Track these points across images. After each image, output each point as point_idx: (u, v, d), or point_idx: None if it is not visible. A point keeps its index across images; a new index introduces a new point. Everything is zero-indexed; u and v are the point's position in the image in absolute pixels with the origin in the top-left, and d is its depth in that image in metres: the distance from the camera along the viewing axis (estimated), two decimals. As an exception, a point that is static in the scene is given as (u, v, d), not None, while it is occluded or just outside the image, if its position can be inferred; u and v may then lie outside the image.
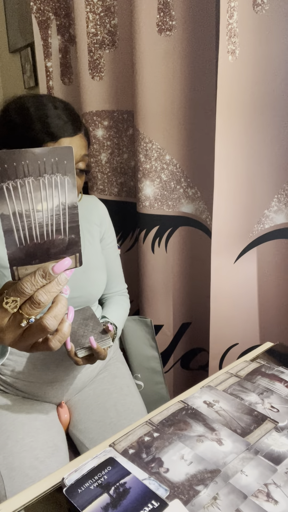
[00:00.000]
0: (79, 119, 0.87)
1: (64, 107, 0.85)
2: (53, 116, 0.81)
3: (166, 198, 1.24)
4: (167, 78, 1.13)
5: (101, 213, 1.05)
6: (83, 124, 0.88)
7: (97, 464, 0.58)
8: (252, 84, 1.02)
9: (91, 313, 0.93)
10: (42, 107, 0.82)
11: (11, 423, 0.86)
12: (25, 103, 0.83)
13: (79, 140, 0.85)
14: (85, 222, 1.01)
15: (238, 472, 0.57)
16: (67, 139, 0.82)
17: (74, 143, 0.83)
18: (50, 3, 1.31)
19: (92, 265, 0.97)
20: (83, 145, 0.86)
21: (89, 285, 0.96)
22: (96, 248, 1.00)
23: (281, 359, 0.87)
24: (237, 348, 1.24)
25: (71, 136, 0.83)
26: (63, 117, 0.82)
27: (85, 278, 0.95)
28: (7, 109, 0.85)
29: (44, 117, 0.81)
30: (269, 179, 1.10)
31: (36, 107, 0.82)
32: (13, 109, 0.84)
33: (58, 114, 0.82)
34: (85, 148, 0.87)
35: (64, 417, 0.95)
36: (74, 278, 0.93)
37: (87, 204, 1.02)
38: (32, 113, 0.82)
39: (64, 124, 0.82)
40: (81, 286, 0.94)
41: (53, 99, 0.85)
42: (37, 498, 0.57)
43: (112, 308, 1.06)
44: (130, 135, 1.32)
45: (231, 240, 1.14)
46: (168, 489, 0.54)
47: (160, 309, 1.34)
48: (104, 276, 1.00)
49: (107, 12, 1.21)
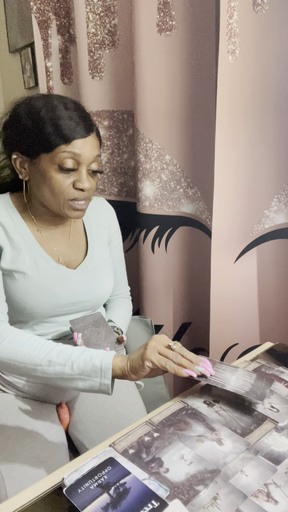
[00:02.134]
0: (90, 118, 0.85)
1: (75, 107, 0.83)
2: (65, 117, 0.80)
3: (166, 198, 1.24)
4: (167, 78, 1.13)
5: (109, 216, 1.04)
6: (94, 123, 0.86)
7: (97, 464, 0.58)
8: (252, 84, 1.02)
9: (102, 319, 0.91)
10: (53, 108, 0.80)
11: (11, 423, 0.86)
12: (35, 105, 0.82)
13: (92, 141, 0.83)
14: (94, 225, 1.00)
15: (238, 472, 0.57)
16: (79, 141, 0.80)
17: (87, 144, 0.81)
18: (50, 3, 1.31)
19: (101, 269, 0.96)
20: (96, 145, 0.84)
21: (98, 289, 0.95)
22: (104, 251, 1.00)
23: (281, 359, 0.87)
24: (237, 348, 1.24)
25: (84, 137, 0.81)
26: (75, 118, 0.80)
27: (94, 281, 0.94)
28: (17, 112, 0.84)
29: (56, 119, 0.79)
30: (269, 179, 1.10)
31: (47, 109, 0.80)
32: (23, 111, 0.82)
33: (69, 115, 0.80)
34: (97, 148, 0.85)
35: (64, 417, 0.95)
36: (84, 282, 0.93)
37: (96, 206, 1.01)
38: (43, 116, 0.80)
39: (76, 126, 0.80)
40: (90, 290, 0.93)
41: (63, 99, 0.83)
42: (37, 498, 0.57)
43: (118, 312, 1.06)
44: (130, 135, 1.32)
45: (231, 240, 1.14)
46: (168, 489, 0.54)
47: (160, 309, 1.34)
48: (112, 280, 1.00)
49: (107, 12, 1.21)
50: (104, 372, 0.68)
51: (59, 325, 0.92)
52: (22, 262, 0.86)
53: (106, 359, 0.69)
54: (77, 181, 0.82)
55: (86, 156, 0.82)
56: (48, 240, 0.91)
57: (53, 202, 0.85)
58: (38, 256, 0.88)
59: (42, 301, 0.87)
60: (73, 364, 0.69)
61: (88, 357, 0.70)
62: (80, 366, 0.69)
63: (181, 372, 0.67)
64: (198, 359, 0.71)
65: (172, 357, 0.68)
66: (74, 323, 0.89)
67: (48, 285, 0.87)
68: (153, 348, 0.68)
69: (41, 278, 0.87)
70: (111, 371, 0.68)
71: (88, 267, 0.94)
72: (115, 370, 0.69)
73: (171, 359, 0.68)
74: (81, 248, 0.96)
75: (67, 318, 0.91)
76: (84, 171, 0.83)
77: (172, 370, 0.67)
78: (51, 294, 0.87)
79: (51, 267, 0.89)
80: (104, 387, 0.69)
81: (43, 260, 0.88)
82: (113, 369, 0.69)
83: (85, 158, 0.82)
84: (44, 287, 0.87)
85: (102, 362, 0.69)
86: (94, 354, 0.70)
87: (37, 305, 0.86)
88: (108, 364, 0.69)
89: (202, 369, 0.69)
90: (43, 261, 0.88)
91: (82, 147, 0.81)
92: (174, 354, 0.69)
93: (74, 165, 0.81)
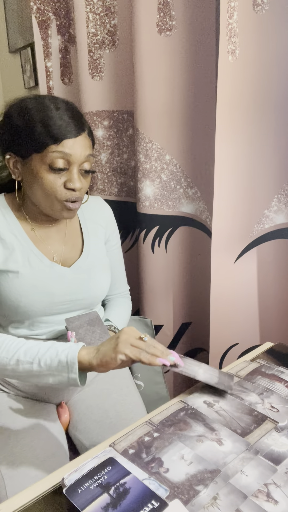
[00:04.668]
0: (82, 118, 0.85)
1: (66, 107, 0.83)
2: (55, 117, 0.80)
3: (166, 198, 1.24)
4: (167, 78, 1.13)
5: (106, 215, 1.04)
6: (86, 123, 0.86)
7: (97, 464, 0.58)
8: (252, 84, 1.02)
9: (98, 319, 0.92)
10: (44, 108, 0.81)
11: (11, 423, 0.86)
12: (27, 106, 0.82)
13: (82, 140, 0.83)
14: (91, 223, 1.00)
15: (238, 472, 0.57)
16: (70, 141, 0.81)
17: (77, 144, 0.82)
18: (50, 3, 1.31)
19: (97, 267, 0.97)
20: (87, 145, 0.84)
21: (93, 287, 0.95)
22: (101, 250, 1.00)
23: (281, 359, 0.87)
24: (237, 348, 1.24)
25: (74, 137, 0.81)
26: (65, 118, 0.81)
27: (90, 280, 0.94)
28: (9, 113, 0.84)
29: (46, 119, 0.80)
30: (269, 179, 1.10)
31: (38, 109, 0.81)
32: (15, 112, 0.83)
33: (60, 115, 0.81)
34: (89, 148, 0.85)
35: (64, 417, 0.95)
36: (79, 280, 0.93)
37: (92, 205, 1.02)
38: (33, 116, 0.80)
39: (66, 125, 0.80)
40: (85, 288, 0.93)
41: (54, 100, 0.84)
42: (37, 498, 0.57)
43: (115, 311, 1.06)
44: (130, 135, 1.32)
45: (231, 240, 1.14)
46: (168, 489, 0.54)
47: (160, 309, 1.34)
48: (109, 279, 1.00)
49: (107, 12, 1.21)
50: (71, 366, 0.70)
51: (56, 324, 0.92)
52: (15, 261, 0.86)
53: (72, 353, 0.70)
54: (68, 181, 0.82)
55: (77, 156, 0.82)
56: (43, 238, 0.92)
57: (45, 202, 0.85)
58: (32, 254, 0.88)
59: (36, 299, 0.87)
60: (40, 361, 0.71)
61: (54, 353, 0.71)
62: (47, 362, 0.71)
63: (154, 361, 0.68)
64: (168, 351, 0.72)
65: (145, 347, 0.69)
66: (70, 322, 0.89)
67: (42, 283, 0.88)
68: (125, 341, 0.69)
69: (34, 277, 0.87)
70: (78, 364, 0.70)
71: (84, 265, 0.94)
72: (82, 363, 0.70)
73: (144, 350, 0.69)
74: (76, 246, 0.96)
75: (63, 317, 0.91)
76: (75, 171, 0.83)
77: (146, 360, 0.68)
78: (45, 292, 0.88)
79: (45, 266, 0.89)
80: (72, 381, 0.70)
81: (36, 259, 0.89)
82: (81, 362, 0.70)
83: (76, 158, 0.82)
84: (37, 285, 0.87)
85: (68, 357, 0.70)
86: (60, 349, 0.71)
87: (31, 303, 0.87)
88: (73, 358, 0.70)
89: (174, 359, 0.71)
90: (36, 260, 0.88)
91: (73, 147, 0.81)
92: (146, 344, 0.69)
93: (65, 165, 0.81)
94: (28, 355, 0.72)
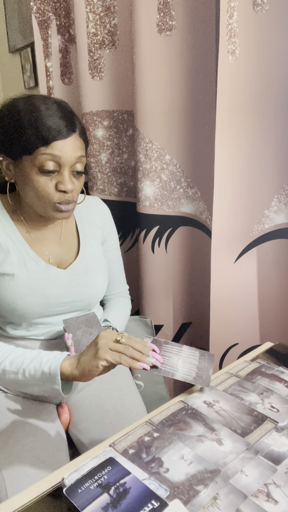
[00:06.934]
0: (73, 118, 0.83)
1: (57, 107, 0.81)
2: (44, 118, 0.79)
3: (166, 198, 1.24)
4: (167, 78, 1.13)
5: (103, 215, 1.03)
6: (78, 123, 0.85)
7: (97, 464, 0.58)
8: (252, 84, 1.02)
9: (95, 319, 0.91)
10: (33, 109, 0.79)
11: (12, 423, 0.86)
12: (17, 107, 0.81)
13: (73, 142, 0.81)
14: (87, 224, 0.99)
15: (238, 472, 0.57)
16: (59, 142, 0.79)
17: (68, 145, 0.80)
18: (50, 3, 1.31)
19: (94, 268, 0.96)
20: (78, 146, 0.82)
21: (90, 288, 0.95)
22: (97, 250, 0.99)
23: (281, 359, 0.87)
24: (237, 348, 1.24)
25: (64, 138, 0.79)
26: (55, 119, 0.79)
27: (86, 281, 0.94)
28: (1, 114, 0.83)
29: (35, 120, 0.78)
30: (269, 179, 1.10)
31: (27, 110, 0.80)
32: (5, 113, 0.82)
33: (49, 115, 0.79)
34: (80, 149, 0.83)
35: (64, 417, 0.95)
36: (75, 282, 0.93)
37: (89, 205, 1.01)
38: (23, 117, 0.79)
39: (56, 126, 0.79)
40: (81, 290, 0.93)
41: (45, 100, 0.82)
42: (37, 498, 0.57)
43: (114, 311, 1.06)
44: (130, 135, 1.32)
45: (231, 240, 1.14)
46: (168, 489, 0.54)
47: (160, 309, 1.34)
48: (106, 279, 1.00)
49: (107, 12, 1.21)
50: (53, 378, 0.71)
51: (54, 324, 0.92)
52: (10, 264, 0.86)
53: (54, 364, 0.72)
54: (59, 183, 0.81)
55: (67, 158, 0.80)
56: (38, 240, 0.91)
57: (38, 204, 0.84)
58: (27, 257, 0.88)
59: (33, 301, 0.87)
60: (24, 371, 0.73)
61: (38, 363, 0.73)
62: (31, 373, 0.73)
63: (135, 365, 0.68)
64: (147, 348, 0.72)
65: (123, 350, 0.69)
66: (67, 323, 0.89)
67: (37, 285, 0.88)
68: (104, 346, 0.69)
69: (30, 279, 0.87)
70: (61, 375, 0.71)
71: (80, 267, 0.94)
72: (64, 374, 0.71)
73: (123, 353, 0.69)
74: (72, 248, 0.96)
75: (60, 318, 0.91)
76: (66, 172, 0.81)
77: (126, 364, 0.68)
78: (41, 294, 0.88)
79: (41, 268, 0.89)
80: (56, 392, 0.72)
81: (32, 261, 0.88)
82: (63, 373, 0.71)
83: (66, 160, 0.80)
84: (33, 287, 0.87)
85: (51, 368, 0.72)
86: (44, 360, 0.73)
87: (27, 306, 0.87)
88: (56, 369, 0.71)
89: (153, 361, 0.71)
90: (32, 262, 0.88)
91: (63, 149, 0.79)
92: (124, 347, 0.69)
93: (55, 167, 0.80)
94: (13, 365, 0.74)
